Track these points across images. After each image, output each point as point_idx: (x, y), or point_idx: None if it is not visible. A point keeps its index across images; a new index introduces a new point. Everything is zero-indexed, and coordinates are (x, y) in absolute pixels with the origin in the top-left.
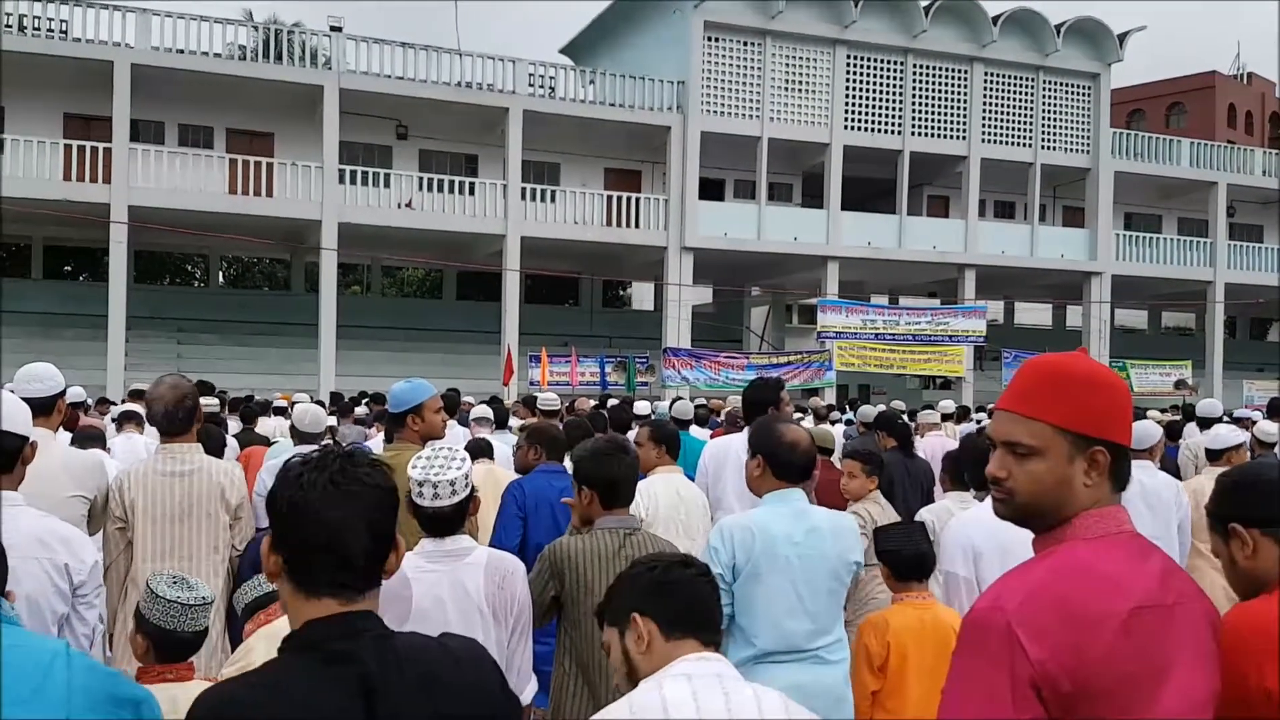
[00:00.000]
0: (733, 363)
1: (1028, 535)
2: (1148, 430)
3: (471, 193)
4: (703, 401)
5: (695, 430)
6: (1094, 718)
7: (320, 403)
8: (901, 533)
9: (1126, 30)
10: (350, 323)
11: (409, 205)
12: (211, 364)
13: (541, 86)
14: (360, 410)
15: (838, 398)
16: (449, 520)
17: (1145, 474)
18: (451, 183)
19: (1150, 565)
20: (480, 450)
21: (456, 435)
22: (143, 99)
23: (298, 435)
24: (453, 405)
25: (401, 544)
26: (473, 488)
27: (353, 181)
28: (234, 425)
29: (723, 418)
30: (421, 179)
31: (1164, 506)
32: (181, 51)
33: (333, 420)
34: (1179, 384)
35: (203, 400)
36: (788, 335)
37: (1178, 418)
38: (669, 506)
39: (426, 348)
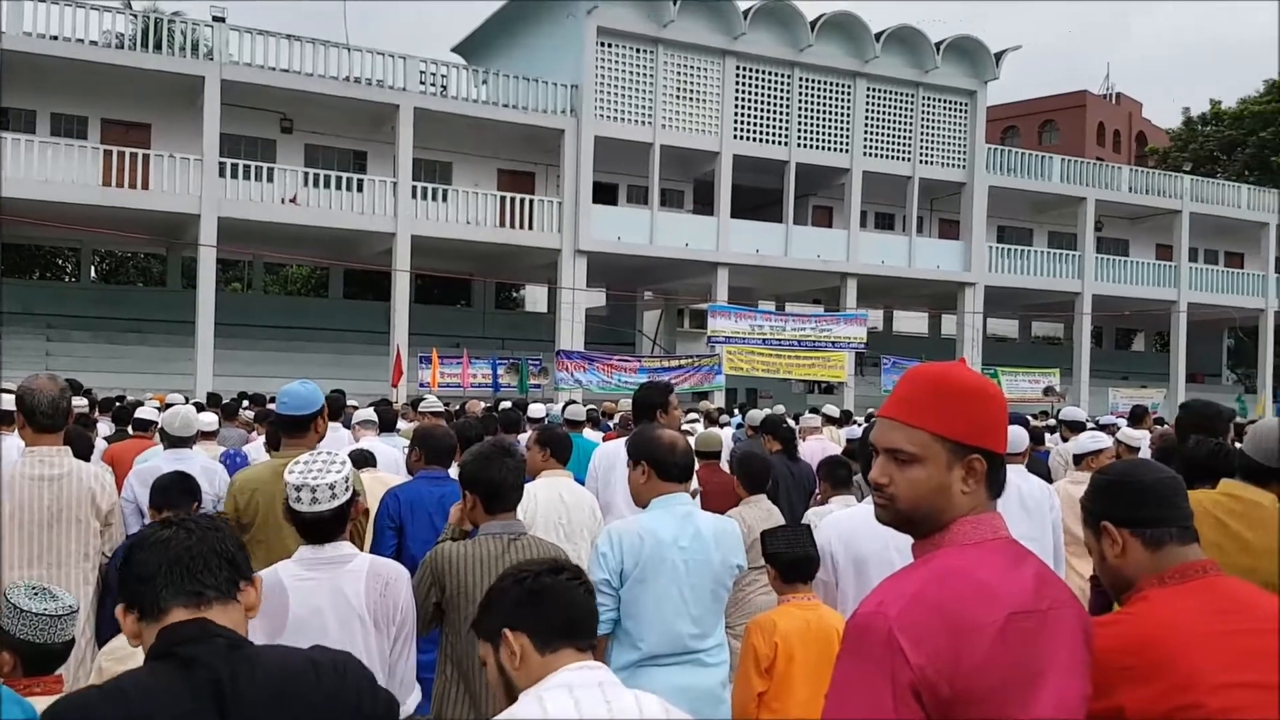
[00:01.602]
0: (625, 366)
1: (880, 543)
2: (1017, 436)
3: (360, 189)
4: (593, 406)
5: (588, 432)
6: None
7: (198, 404)
8: (788, 535)
9: (1003, 49)
10: (230, 321)
11: (293, 201)
12: (82, 362)
13: (433, 84)
14: (245, 413)
15: (727, 401)
16: (328, 526)
17: (1019, 477)
18: (339, 179)
19: (1025, 571)
20: (364, 460)
21: (340, 438)
22: (13, 86)
23: (167, 439)
24: (337, 408)
25: (259, 581)
26: (354, 492)
27: (234, 175)
28: (105, 427)
29: (615, 420)
30: (307, 174)
31: (1039, 509)
32: (55, 38)
33: (213, 422)
34: (1047, 391)
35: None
36: (679, 339)
37: (1050, 423)
38: (549, 510)
39: (311, 347)
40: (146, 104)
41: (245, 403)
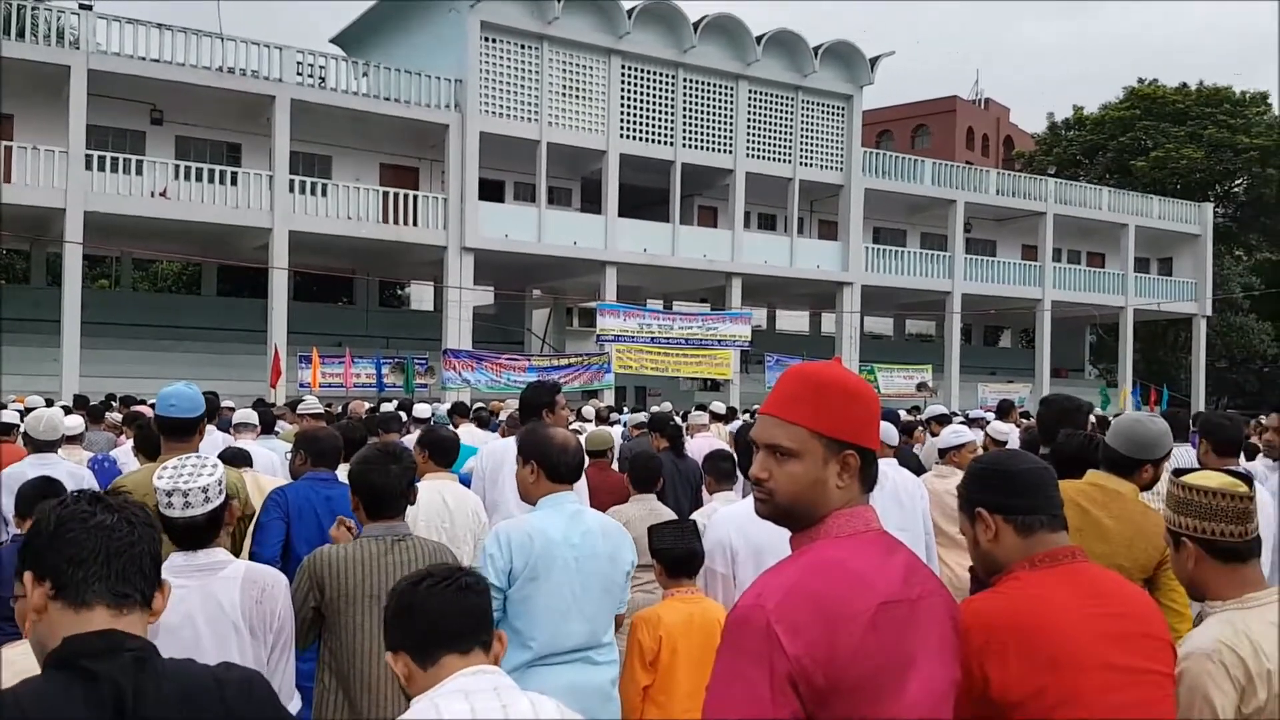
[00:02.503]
0: (514, 364)
1: (777, 533)
2: (887, 430)
3: (234, 183)
4: (481, 404)
5: (473, 431)
6: (846, 710)
7: (65, 407)
8: (674, 531)
9: (877, 55)
10: (97, 320)
11: (164, 194)
12: None
13: (311, 76)
14: (113, 416)
15: (616, 399)
16: (201, 531)
17: (893, 469)
18: (212, 172)
19: (895, 561)
20: (240, 458)
21: (215, 441)
22: None
23: (32, 443)
24: (211, 409)
25: (169, 586)
26: (227, 495)
27: (101, 168)
28: None
29: (503, 418)
30: (178, 167)
31: (911, 500)
32: None
33: (78, 425)
34: (920, 386)
35: None
36: (568, 338)
37: (921, 417)
38: (430, 513)
39: (184, 347)
40: (8, 94)
41: (114, 404)
